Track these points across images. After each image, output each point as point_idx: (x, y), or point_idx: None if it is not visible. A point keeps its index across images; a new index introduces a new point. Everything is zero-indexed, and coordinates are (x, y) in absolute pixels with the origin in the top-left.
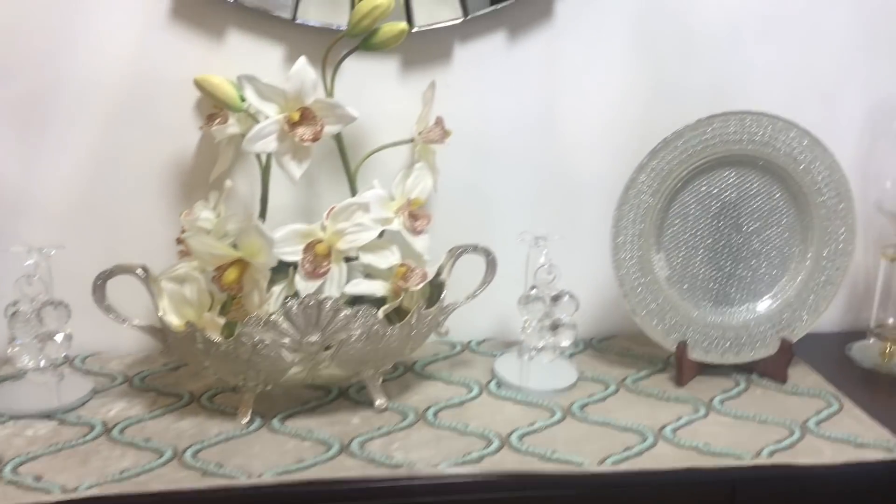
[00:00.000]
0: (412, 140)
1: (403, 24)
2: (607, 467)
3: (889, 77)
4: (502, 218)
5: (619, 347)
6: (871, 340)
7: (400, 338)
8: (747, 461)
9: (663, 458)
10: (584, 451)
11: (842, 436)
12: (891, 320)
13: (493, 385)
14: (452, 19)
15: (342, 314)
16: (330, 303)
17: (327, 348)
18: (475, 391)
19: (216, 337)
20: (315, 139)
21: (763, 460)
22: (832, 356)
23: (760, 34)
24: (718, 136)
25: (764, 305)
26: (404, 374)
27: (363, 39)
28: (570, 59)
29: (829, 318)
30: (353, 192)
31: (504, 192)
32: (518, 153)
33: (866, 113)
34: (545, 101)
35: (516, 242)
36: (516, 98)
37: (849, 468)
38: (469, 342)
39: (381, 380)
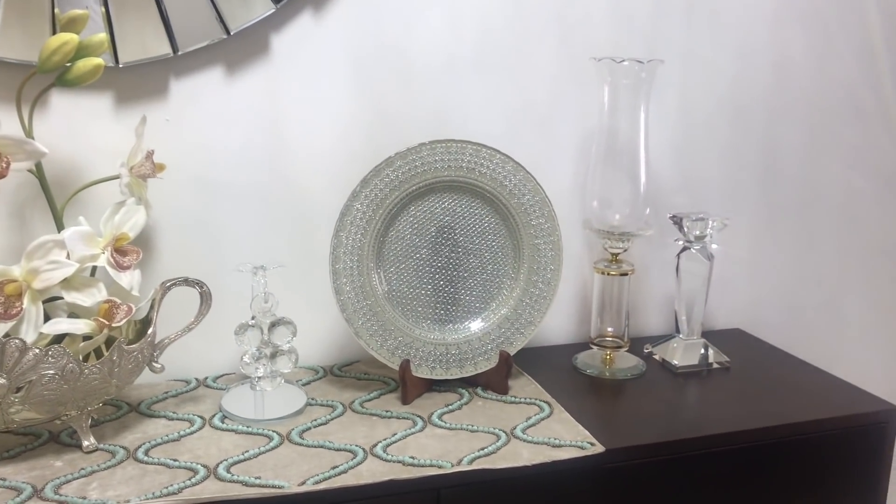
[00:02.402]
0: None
1: (99, 60)
2: (307, 487)
3: (593, 107)
4: (235, 250)
5: (358, 371)
6: (594, 349)
7: (101, 376)
8: (449, 469)
9: (368, 473)
10: (289, 474)
11: (542, 439)
12: (609, 329)
13: (216, 418)
14: (162, 55)
15: (30, 354)
16: (15, 343)
17: (18, 390)
18: (197, 425)
19: None
20: (1, 177)
21: (464, 467)
22: (562, 366)
23: (475, 67)
24: (427, 163)
25: (483, 321)
26: (128, 414)
27: (58, 75)
28: (292, 92)
29: (563, 331)
30: (60, 231)
31: (235, 225)
32: (246, 185)
33: (578, 140)
34: (270, 133)
35: (238, 273)
36: (240, 131)
37: (543, 467)
38: (205, 378)
39: (89, 420)
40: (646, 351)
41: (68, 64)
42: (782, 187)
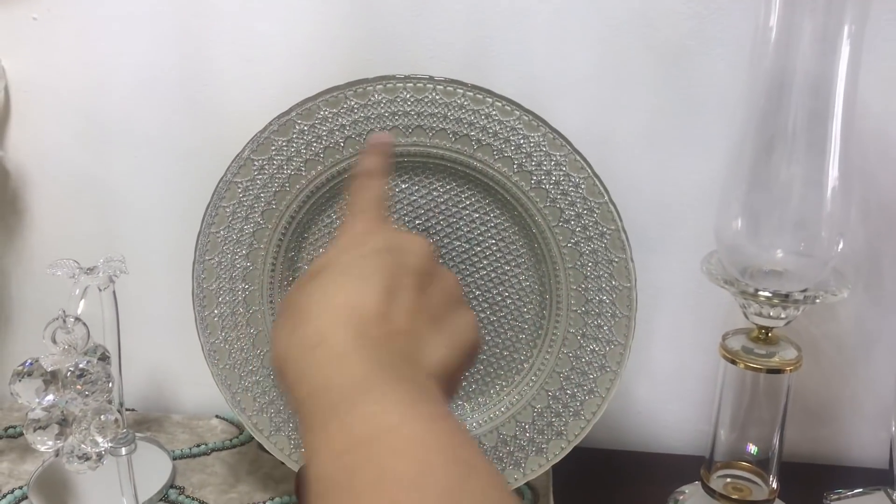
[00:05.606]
0: None
1: None
2: None
3: (741, 34)
4: (136, 226)
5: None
6: (712, 488)
7: None
8: None
9: None
10: None
11: None
12: (749, 450)
13: None
14: None
15: None
16: None
17: None
18: None
19: None
20: None
21: None
22: None
23: None
24: (364, 119)
25: (472, 414)
26: None
27: None
28: None
29: (662, 427)
30: None
31: (132, 191)
32: (148, 129)
33: (706, 95)
34: (189, 47)
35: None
36: (143, 42)
37: None
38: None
39: None
40: None
41: None
42: None
